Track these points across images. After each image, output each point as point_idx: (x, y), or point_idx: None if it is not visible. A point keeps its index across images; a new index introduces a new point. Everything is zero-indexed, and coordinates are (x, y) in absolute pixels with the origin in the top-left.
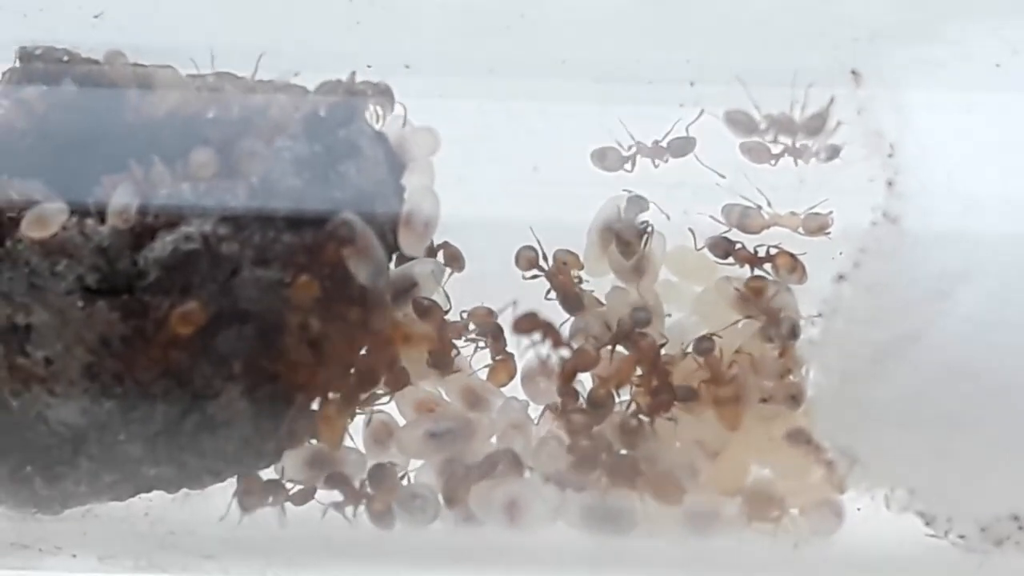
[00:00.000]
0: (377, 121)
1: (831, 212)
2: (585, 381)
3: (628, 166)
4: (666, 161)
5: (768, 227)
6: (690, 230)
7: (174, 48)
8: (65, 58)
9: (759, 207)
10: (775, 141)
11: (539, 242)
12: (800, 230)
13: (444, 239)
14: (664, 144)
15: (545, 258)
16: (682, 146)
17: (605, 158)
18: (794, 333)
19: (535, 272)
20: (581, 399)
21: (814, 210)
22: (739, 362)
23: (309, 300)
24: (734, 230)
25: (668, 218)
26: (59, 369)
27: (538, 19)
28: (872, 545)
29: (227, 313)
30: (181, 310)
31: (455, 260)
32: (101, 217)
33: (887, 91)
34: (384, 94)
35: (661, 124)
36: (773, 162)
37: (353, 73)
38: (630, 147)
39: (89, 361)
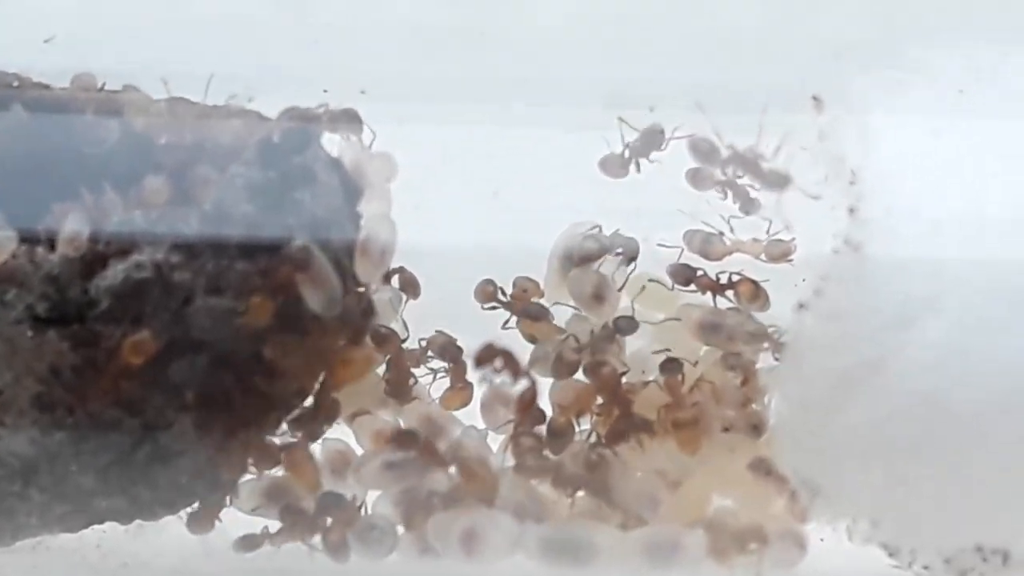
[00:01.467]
0: (340, 147)
1: (794, 239)
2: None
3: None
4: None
5: (730, 254)
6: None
7: (126, 72)
8: (15, 83)
9: (721, 233)
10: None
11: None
12: (762, 257)
13: (400, 265)
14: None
15: (503, 291)
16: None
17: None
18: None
19: (493, 304)
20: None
21: (776, 237)
22: (701, 389)
23: (263, 321)
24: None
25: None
26: (8, 399)
27: (498, 41)
28: None
29: (180, 342)
30: (132, 340)
31: (411, 286)
32: (51, 245)
33: (850, 115)
34: (353, 120)
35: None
36: (717, 190)
37: (326, 105)
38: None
39: (39, 391)
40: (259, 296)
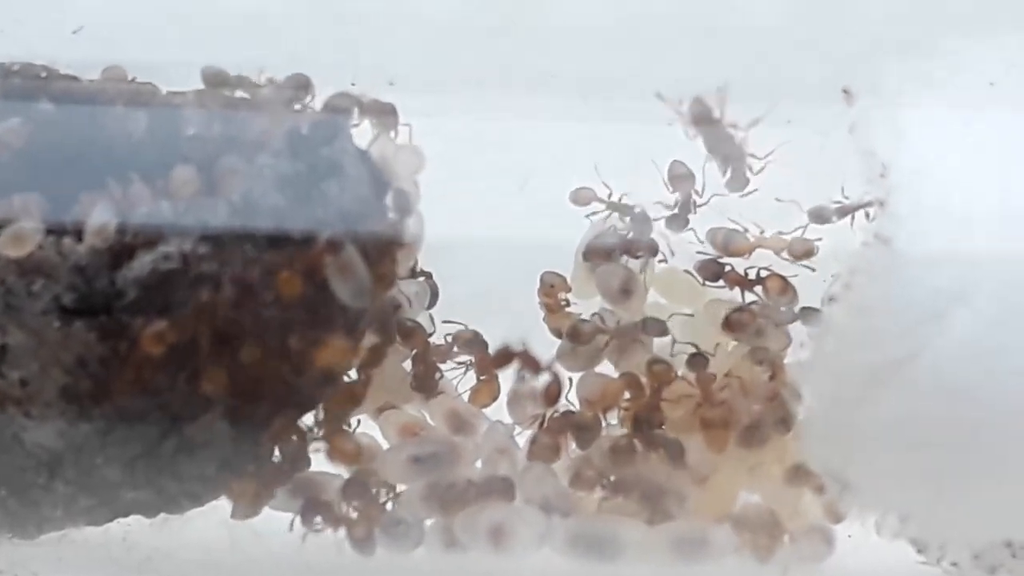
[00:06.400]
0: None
1: (819, 238)
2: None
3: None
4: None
5: (753, 250)
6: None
7: (154, 64)
8: (43, 74)
9: (745, 230)
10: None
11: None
12: (785, 254)
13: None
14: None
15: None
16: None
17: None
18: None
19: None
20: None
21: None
22: (729, 385)
23: (292, 296)
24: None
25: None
26: (35, 391)
27: (525, 34)
28: (863, 572)
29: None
30: (151, 330)
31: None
32: (79, 236)
33: (880, 109)
34: (388, 114)
35: (651, 141)
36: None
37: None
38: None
39: (66, 382)
40: (288, 271)
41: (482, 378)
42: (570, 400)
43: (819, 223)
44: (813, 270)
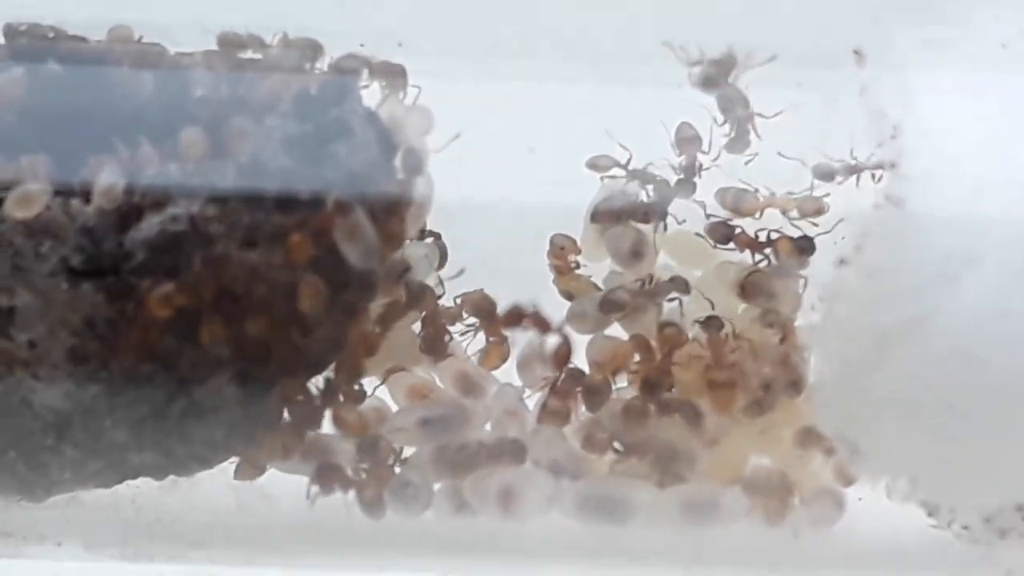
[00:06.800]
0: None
1: (827, 194)
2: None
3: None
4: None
5: (763, 209)
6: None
7: (161, 25)
8: (51, 35)
9: (755, 190)
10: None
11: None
12: (795, 212)
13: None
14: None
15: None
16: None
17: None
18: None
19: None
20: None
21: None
22: (739, 347)
23: (303, 259)
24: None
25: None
26: (43, 352)
27: None
28: (874, 535)
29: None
30: (158, 292)
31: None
32: (86, 197)
33: (891, 72)
34: (398, 75)
35: (660, 105)
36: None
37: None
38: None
39: (73, 344)
40: (298, 235)
41: (491, 340)
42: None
43: (824, 181)
44: (827, 232)
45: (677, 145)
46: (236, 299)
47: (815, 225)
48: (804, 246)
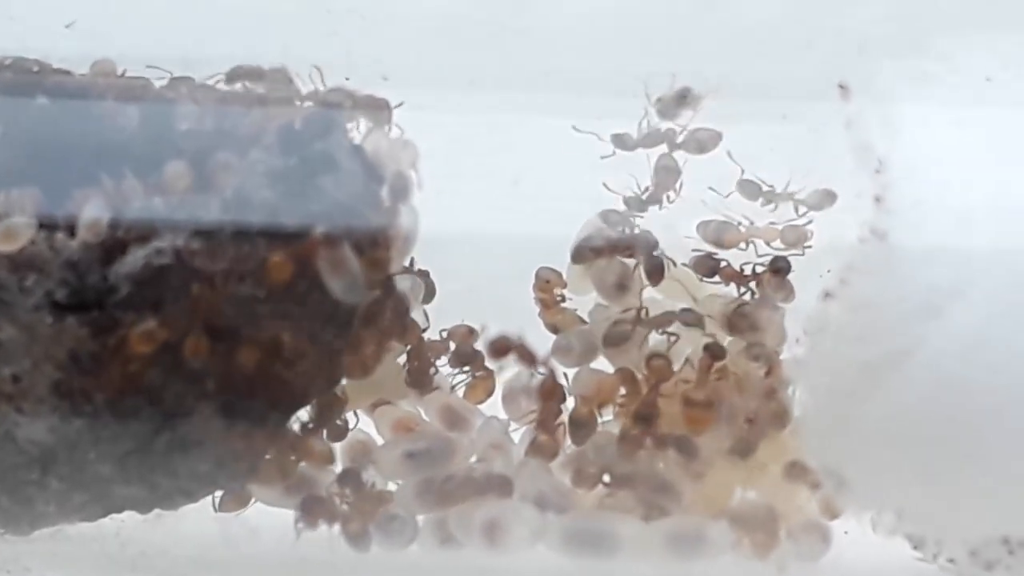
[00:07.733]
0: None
1: (810, 222)
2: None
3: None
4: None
5: (745, 241)
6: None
7: (146, 57)
8: (36, 68)
9: (738, 222)
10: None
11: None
12: (778, 243)
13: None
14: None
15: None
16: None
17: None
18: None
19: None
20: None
21: (792, 222)
22: (724, 376)
23: (282, 280)
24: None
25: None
26: (27, 386)
27: (520, 31)
28: (860, 569)
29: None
30: (140, 329)
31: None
32: (71, 231)
33: (876, 105)
34: (382, 108)
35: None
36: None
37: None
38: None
39: (58, 378)
40: (278, 256)
41: (477, 374)
42: None
43: (750, 200)
44: (801, 253)
45: (655, 173)
46: (220, 333)
47: (800, 255)
48: (780, 266)
